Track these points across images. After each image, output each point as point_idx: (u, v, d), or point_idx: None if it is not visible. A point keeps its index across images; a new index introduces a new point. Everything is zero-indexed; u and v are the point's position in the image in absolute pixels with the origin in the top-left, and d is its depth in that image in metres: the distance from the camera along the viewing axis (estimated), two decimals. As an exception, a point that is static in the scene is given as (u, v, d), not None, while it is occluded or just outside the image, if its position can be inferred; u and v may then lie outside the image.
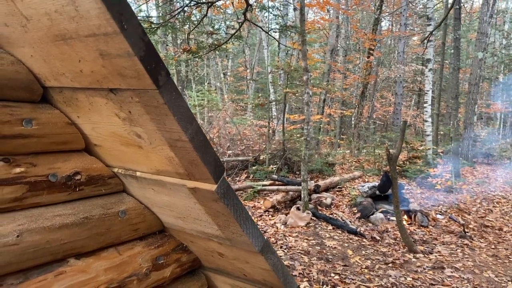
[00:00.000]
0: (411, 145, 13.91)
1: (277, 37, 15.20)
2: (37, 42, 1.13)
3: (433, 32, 13.59)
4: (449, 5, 13.71)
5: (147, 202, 1.61)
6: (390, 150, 6.96)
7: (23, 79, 1.24)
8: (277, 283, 1.65)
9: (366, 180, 12.00)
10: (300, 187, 9.24)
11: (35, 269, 1.32)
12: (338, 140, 19.31)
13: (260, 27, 9.56)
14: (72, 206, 1.40)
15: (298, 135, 13.40)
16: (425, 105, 14.55)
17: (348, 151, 17.59)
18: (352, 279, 5.90)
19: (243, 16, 6.59)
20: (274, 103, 15.31)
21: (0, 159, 1.21)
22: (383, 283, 5.81)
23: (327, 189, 10.67)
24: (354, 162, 14.89)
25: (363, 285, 5.73)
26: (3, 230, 1.21)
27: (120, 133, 1.30)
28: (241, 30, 8.50)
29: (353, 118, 20.38)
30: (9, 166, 1.23)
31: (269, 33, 9.76)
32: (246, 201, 9.86)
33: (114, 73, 1.08)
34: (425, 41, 9.59)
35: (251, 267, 1.66)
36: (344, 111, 19.75)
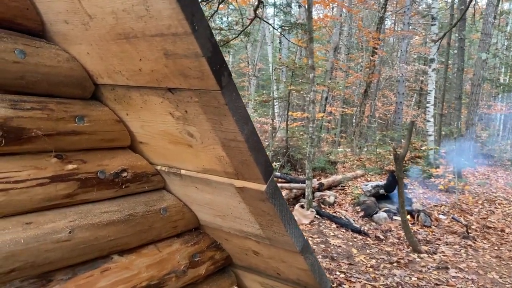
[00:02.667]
0: (413, 145, 13.95)
1: (279, 34, 15.17)
2: (97, 40, 1.14)
3: (438, 33, 13.62)
4: (456, 6, 13.72)
5: (186, 200, 1.62)
6: (397, 150, 6.98)
7: (78, 76, 1.24)
8: (312, 282, 1.66)
9: (369, 179, 12.03)
10: (303, 185, 9.27)
11: (82, 265, 1.33)
12: (339, 139, 19.35)
13: (270, 24, 9.54)
14: (117, 203, 1.41)
15: (300, 133, 13.41)
16: (427, 105, 14.56)
17: (349, 149, 17.62)
18: (358, 278, 5.94)
19: (253, 12, 6.61)
20: (275, 100, 15.32)
21: (54, 155, 1.22)
22: (388, 283, 5.84)
23: (330, 188, 10.70)
24: (355, 161, 14.93)
25: (369, 284, 5.76)
26: (57, 226, 1.21)
27: (171, 131, 1.31)
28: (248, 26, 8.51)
29: (354, 117, 20.40)
30: (62, 162, 1.24)
31: (275, 30, 9.73)
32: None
33: (176, 73, 1.08)
34: (437, 42, 9.57)
35: (287, 266, 1.67)
36: (346, 110, 19.77)
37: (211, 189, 1.45)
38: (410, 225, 8.39)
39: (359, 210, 9.24)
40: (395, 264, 6.49)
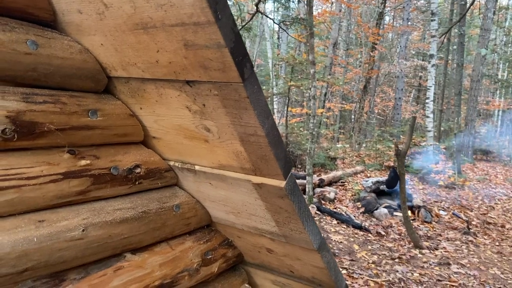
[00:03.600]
0: (413, 140, 13.94)
1: (277, 29, 15.09)
2: (112, 31, 1.09)
3: (437, 28, 13.56)
4: (457, 1, 13.66)
5: (199, 196, 1.58)
6: (399, 146, 6.95)
7: (91, 68, 1.20)
8: (327, 280, 1.63)
9: (368, 175, 12.02)
10: (304, 181, 9.23)
11: (95, 264, 1.29)
12: (338, 135, 19.33)
13: (272, 19, 9.47)
14: (130, 199, 1.37)
15: (300, 129, 13.37)
16: (427, 101, 14.51)
17: (348, 145, 17.61)
18: (360, 274, 5.92)
19: (255, 7, 6.55)
20: (275, 96, 15.27)
21: (66, 150, 1.17)
22: (390, 279, 5.83)
23: (330, 184, 10.68)
24: (355, 157, 14.91)
25: (371, 280, 5.74)
26: (70, 224, 1.17)
27: (186, 126, 1.26)
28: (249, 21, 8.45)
29: (353, 112, 20.37)
30: (75, 158, 1.20)
31: (276, 25, 9.67)
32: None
33: (195, 64, 1.04)
34: (441, 38, 9.54)
35: (301, 264, 1.63)
36: (345, 105, 19.74)
37: (226, 186, 1.41)
38: (410, 221, 8.39)
39: (360, 206, 9.22)
40: (397, 260, 6.48)
